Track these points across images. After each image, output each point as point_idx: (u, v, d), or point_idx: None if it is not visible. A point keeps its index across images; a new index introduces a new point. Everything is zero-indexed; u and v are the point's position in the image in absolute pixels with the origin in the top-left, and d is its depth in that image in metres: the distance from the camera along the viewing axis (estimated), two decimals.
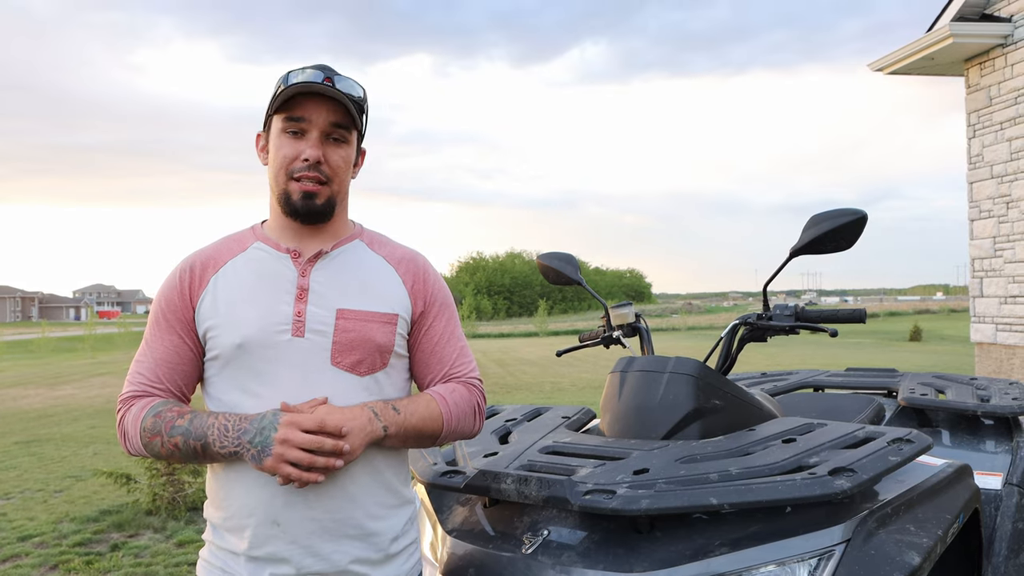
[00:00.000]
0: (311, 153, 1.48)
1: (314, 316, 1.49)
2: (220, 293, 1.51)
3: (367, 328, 1.51)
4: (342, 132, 1.52)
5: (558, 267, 2.57)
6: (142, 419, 1.45)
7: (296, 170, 1.49)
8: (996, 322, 9.66)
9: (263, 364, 1.47)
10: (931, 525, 1.61)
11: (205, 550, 1.55)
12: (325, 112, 1.49)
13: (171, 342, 1.52)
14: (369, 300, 1.53)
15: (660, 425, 1.85)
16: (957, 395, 2.75)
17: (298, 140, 1.50)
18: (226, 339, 1.48)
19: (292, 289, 1.51)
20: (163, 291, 1.55)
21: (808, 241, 2.01)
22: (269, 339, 1.47)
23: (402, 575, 1.54)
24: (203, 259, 1.56)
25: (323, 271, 1.53)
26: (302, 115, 1.48)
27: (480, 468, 1.74)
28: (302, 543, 1.44)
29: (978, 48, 9.52)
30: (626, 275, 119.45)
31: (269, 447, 1.35)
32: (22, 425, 10.34)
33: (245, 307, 1.49)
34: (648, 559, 1.52)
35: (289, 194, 1.50)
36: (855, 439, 1.74)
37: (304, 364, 1.47)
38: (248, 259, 1.55)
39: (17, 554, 4.72)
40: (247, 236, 1.59)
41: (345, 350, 1.49)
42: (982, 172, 9.78)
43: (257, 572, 1.45)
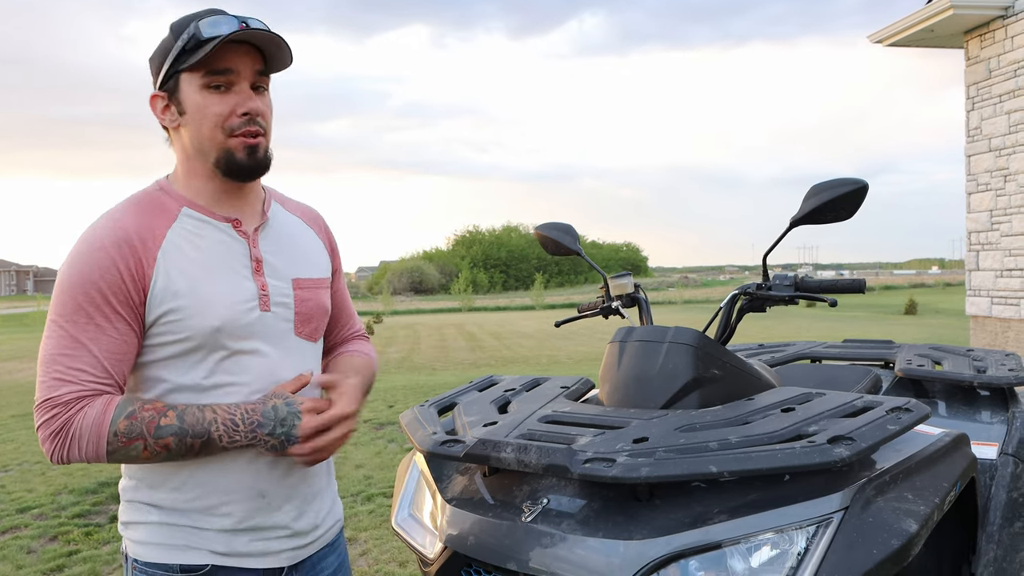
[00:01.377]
0: (250, 106, 1.39)
1: (275, 288, 1.48)
2: (173, 271, 1.37)
3: (319, 295, 1.56)
4: (264, 79, 1.44)
5: (557, 237, 2.56)
6: (110, 423, 1.29)
7: (235, 126, 1.39)
8: (991, 295, 9.68)
9: (237, 343, 1.41)
10: (928, 493, 1.62)
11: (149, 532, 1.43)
12: (250, 61, 1.40)
13: (116, 330, 1.34)
14: (312, 267, 1.57)
15: (659, 394, 1.86)
16: (954, 366, 2.76)
17: (225, 95, 1.39)
18: (198, 322, 1.37)
19: (247, 262, 1.45)
20: (93, 271, 1.33)
21: (808, 211, 2.00)
22: (241, 318, 1.42)
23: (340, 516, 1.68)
24: (136, 231, 1.37)
25: (267, 240, 1.51)
26: (229, 67, 1.38)
27: (480, 437, 1.74)
28: (287, 508, 1.50)
29: (978, 20, 9.45)
30: (623, 248, 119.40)
31: (294, 437, 1.38)
32: (18, 398, 10.35)
33: (211, 286, 1.39)
34: (647, 527, 1.52)
35: (231, 152, 1.40)
36: (854, 408, 1.75)
37: (273, 338, 1.47)
38: (187, 231, 1.42)
39: (16, 526, 4.74)
40: (166, 202, 1.43)
41: (305, 320, 1.52)
42: (980, 145, 9.76)
43: (236, 542, 1.44)
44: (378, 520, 4.65)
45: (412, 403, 8.87)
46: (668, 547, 1.47)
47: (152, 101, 1.45)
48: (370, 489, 5.33)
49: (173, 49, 1.38)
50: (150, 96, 1.45)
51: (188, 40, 1.36)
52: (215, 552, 1.42)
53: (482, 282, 76.38)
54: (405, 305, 47.06)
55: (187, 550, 1.42)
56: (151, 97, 1.45)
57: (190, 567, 1.41)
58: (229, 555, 1.44)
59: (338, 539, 1.66)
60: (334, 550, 1.63)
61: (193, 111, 1.39)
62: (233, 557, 1.44)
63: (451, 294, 54.72)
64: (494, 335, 20.06)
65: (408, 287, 72.43)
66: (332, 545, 1.63)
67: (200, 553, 1.42)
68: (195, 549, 1.42)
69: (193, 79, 1.38)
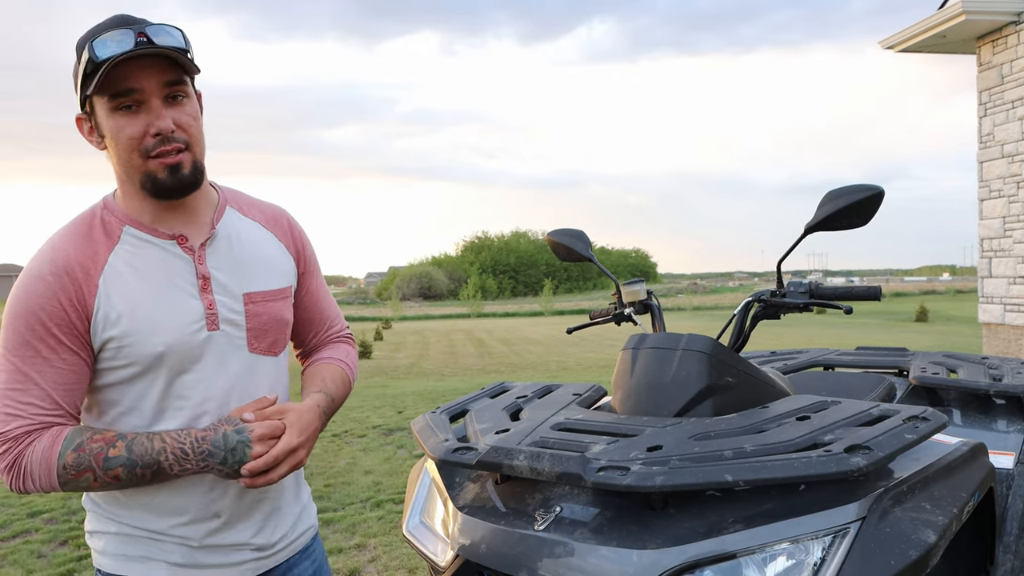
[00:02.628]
0: (161, 125, 1.29)
1: (224, 305, 1.41)
2: (115, 297, 1.33)
3: (274, 308, 1.49)
4: (181, 88, 1.32)
5: (569, 243, 2.55)
6: (58, 456, 1.27)
7: (150, 147, 1.30)
8: (1004, 302, 9.62)
9: (184, 365, 1.37)
10: (946, 503, 1.60)
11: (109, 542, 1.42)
12: (156, 74, 1.29)
13: (63, 361, 1.30)
14: (267, 278, 1.49)
15: (673, 402, 1.84)
16: (969, 374, 2.74)
17: (136, 115, 1.29)
18: (142, 349, 1.33)
19: (193, 280, 1.39)
20: (34, 301, 1.29)
21: (823, 217, 1.98)
22: (188, 339, 1.36)
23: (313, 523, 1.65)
24: (77, 258, 1.33)
25: (216, 255, 1.43)
26: (131, 86, 1.28)
27: (492, 444, 1.73)
28: (243, 526, 1.47)
29: (990, 25, 9.42)
30: (632, 255, 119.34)
31: (245, 462, 1.33)
32: None
33: (153, 309, 1.35)
34: (662, 536, 1.51)
35: (152, 174, 1.32)
36: (870, 417, 1.73)
37: (224, 357, 1.41)
38: (130, 251, 1.37)
39: (27, 530, 4.75)
40: (108, 221, 1.38)
41: (260, 334, 1.46)
42: (993, 151, 9.71)
43: (196, 555, 1.42)
44: (387, 526, 4.64)
45: (421, 409, 8.87)
46: (682, 557, 1.46)
47: (78, 124, 1.38)
48: (379, 495, 5.33)
49: (79, 73, 1.31)
50: (75, 118, 1.38)
51: (87, 64, 1.27)
52: (174, 564, 1.41)
53: (491, 288, 76.48)
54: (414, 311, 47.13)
55: (145, 561, 1.41)
56: (76, 119, 1.38)
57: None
58: (189, 567, 1.42)
59: (311, 545, 1.63)
60: (307, 556, 1.60)
61: (109, 136, 1.32)
62: (193, 569, 1.42)
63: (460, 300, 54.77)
64: (503, 341, 20.06)
65: (417, 292, 72.57)
66: (305, 551, 1.60)
67: (158, 565, 1.40)
68: (152, 560, 1.41)
69: (102, 103, 1.30)
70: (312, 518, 1.65)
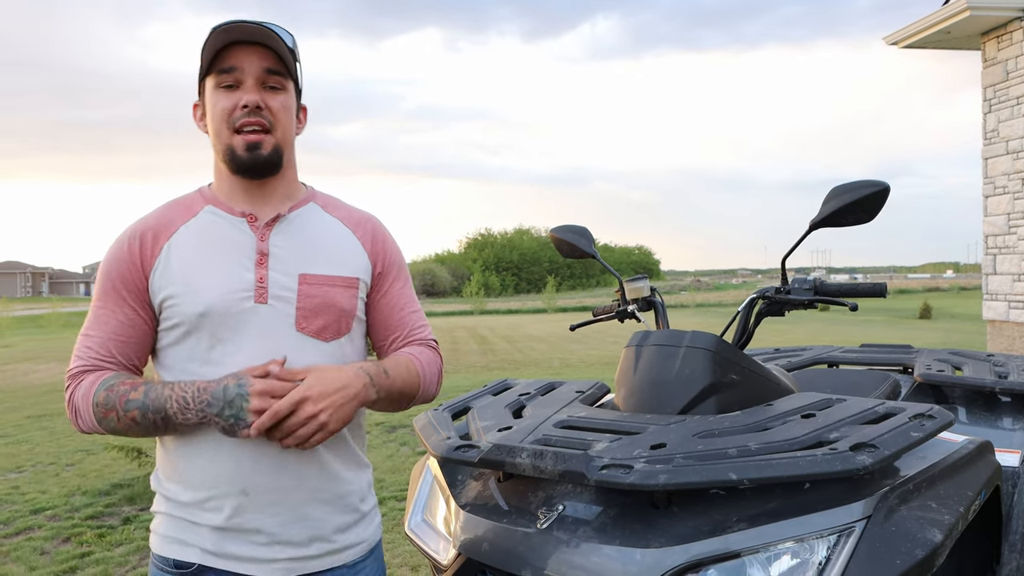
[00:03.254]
0: (249, 98, 1.43)
1: (276, 282, 1.46)
2: (175, 261, 1.45)
3: (331, 293, 1.50)
4: (277, 79, 1.46)
5: (572, 240, 2.54)
6: (93, 394, 1.39)
7: (236, 119, 1.43)
8: (1009, 300, 9.59)
9: (226, 332, 1.43)
10: (953, 502, 1.59)
11: (159, 522, 1.49)
12: (256, 58, 1.43)
13: (124, 315, 1.45)
14: (331, 264, 1.52)
15: (676, 400, 1.83)
16: (974, 372, 2.72)
17: (233, 91, 1.44)
18: (187, 308, 1.42)
19: (252, 254, 1.47)
20: (111, 262, 1.47)
21: (829, 213, 1.96)
22: (232, 306, 1.43)
23: (370, 536, 1.59)
24: (152, 226, 1.48)
25: (281, 235, 1.50)
26: (233, 64, 1.43)
27: (495, 442, 1.72)
28: (272, 512, 1.44)
29: (995, 21, 9.37)
30: (635, 252, 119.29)
31: (244, 419, 1.33)
32: (32, 399, 10.41)
33: (204, 274, 1.44)
34: (665, 535, 1.50)
35: (233, 148, 1.44)
36: (875, 414, 1.71)
37: (268, 331, 1.44)
38: (201, 224, 1.49)
39: (30, 527, 4.75)
40: (195, 200, 1.52)
41: (310, 315, 1.47)
42: (997, 148, 9.67)
43: (224, 542, 1.43)
44: (389, 524, 4.63)
45: (424, 406, 8.87)
46: (686, 555, 1.45)
47: (193, 111, 1.54)
48: (382, 492, 5.32)
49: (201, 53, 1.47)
50: (192, 106, 1.54)
51: (204, 46, 1.44)
52: (205, 551, 1.43)
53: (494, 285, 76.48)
54: None
55: (184, 546, 1.44)
56: (192, 107, 1.54)
57: (182, 563, 1.44)
58: (217, 555, 1.43)
59: (361, 562, 1.55)
60: (353, 571, 1.54)
61: (208, 110, 1.47)
62: (221, 558, 1.43)
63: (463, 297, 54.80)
64: (506, 338, 20.05)
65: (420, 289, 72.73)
66: (352, 567, 1.53)
67: (192, 550, 1.44)
68: (189, 546, 1.44)
69: (210, 82, 1.46)
70: (367, 535, 1.57)
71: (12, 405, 9.88)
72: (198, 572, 1.43)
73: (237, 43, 1.43)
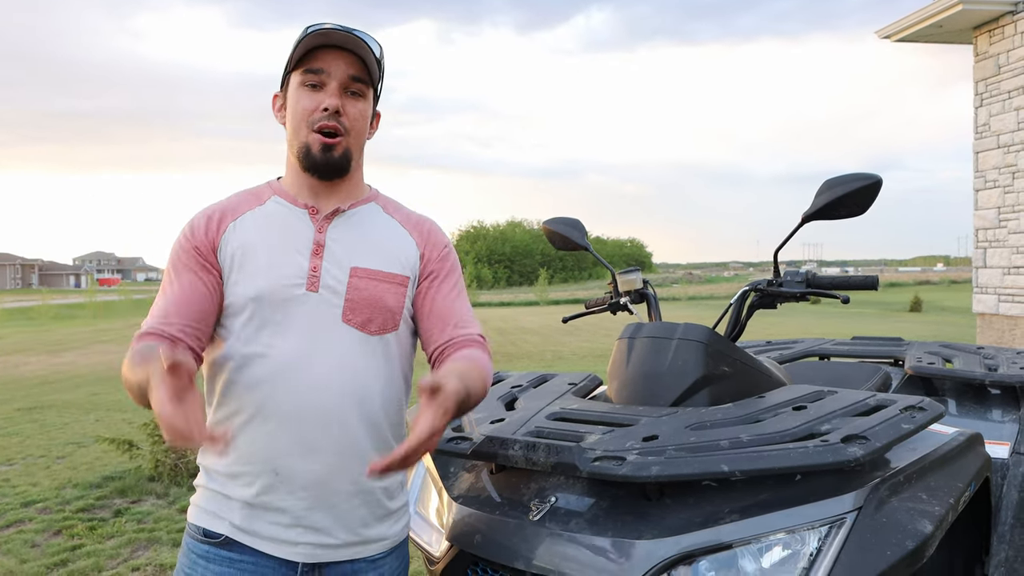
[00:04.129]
0: (330, 102, 1.48)
1: (328, 272, 1.51)
2: (236, 243, 1.52)
3: (378, 288, 1.53)
4: (360, 86, 1.52)
5: (565, 232, 2.53)
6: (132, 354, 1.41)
7: (316, 120, 1.49)
8: (999, 293, 9.64)
9: (276, 316, 1.48)
10: (943, 493, 1.60)
11: (198, 495, 1.56)
12: (344, 64, 1.49)
13: (187, 280, 1.50)
14: (382, 260, 1.55)
15: (669, 392, 1.83)
16: (965, 364, 2.73)
17: (316, 92, 1.50)
18: (241, 290, 1.49)
19: (308, 244, 1.52)
20: (179, 241, 1.54)
21: (821, 206, 1.97)
22: (283, 292, 1.48)
23: (394, 534, 1.59)
24: (221, 209, 1.56)
25: (339, 228, 1.55)
26: (321, 67, 1.49)
27: (487, 434, 1.72)
28: (300, 495, 1.46)
29: (987, 15, 9.40)
30: (627, 244, 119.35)
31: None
32: (23, 392, 10.36)
33: (260, 259, 1.50)
34: (657, 526, 1.50)
35: (309, 146, 1.50)
36: (866, 407, 1.72)
37: (315, 319, 1.49)
38: (265, 212, 1.56)
39: (21, 519, 4.74)
40: (264, 190, 1.60)
41: (356, 308, 1.51)
42: (988, 142, 9.71)
43: (251, 519, 1.48)
44: None
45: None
46: (678, 547, 1.45)
47: (273, 100, 1.60)
48: None
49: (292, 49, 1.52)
50: (272, 96, 1.60)
51: (296, 42, 1.50)
52: (234, 525, 1.48)
53: (486, 277, 76.43)
54: None
55: (214, 518, 1.50)
56: (272, 97, 1.60)
57: (211, 533, 1.50)
58: (244, 531, 1.48)
59: (383, 558, 1.56)
60: (374, 567, 1.55)
61: (289, 106, 1.54)
62: (247, 535, 1.47)
63: None
64: (498, 331, 20.06)
65: None
66: (373, 561, 1.54)
67: (222, 523, 1.49)
68: (220, 518, 1.50)
69: (295, 78, 1.52)
70: (392, 532, 1.58)
71: (2, 398, 9.83)
72: (225, 543, 1.48)
73: (328, 46, 1.48)
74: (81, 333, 21.49)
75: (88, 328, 23.64)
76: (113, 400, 9.41)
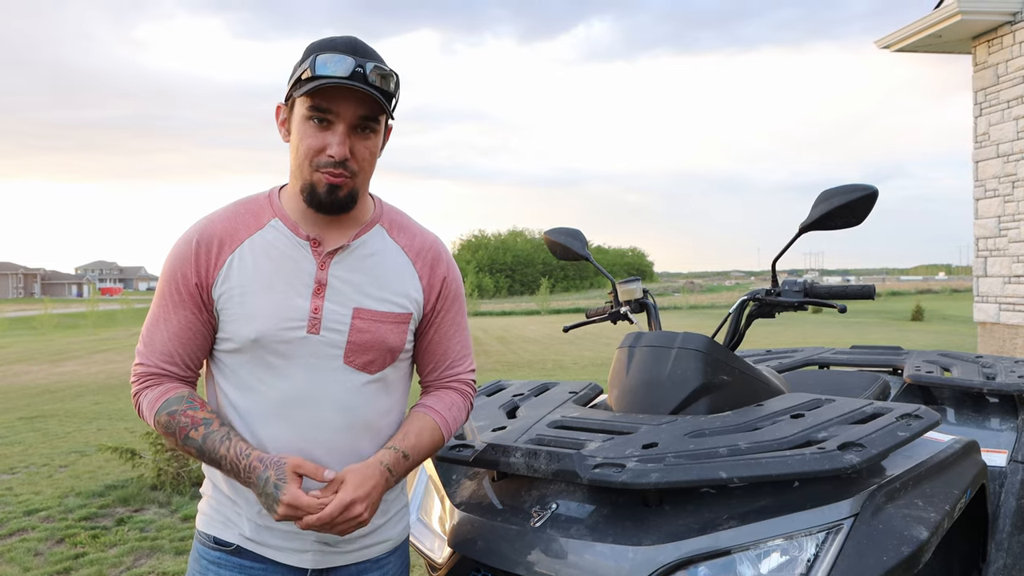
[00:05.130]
0: (337, 151, 1.41)
1: (331, 313, 1.48)
2: (235, 278, 1.47)
3: (381, 330, 1.51)
4: (370, 123, 1.45)
5: (565, 242, 2.56)
6: (156, 412, 1.45)
7: (321, 164, 1.43)
8: (999, 302, 9.65)
9: (275, 358, 1.47)
10: (939, 500, 1.61)
11: (205, 503, 1.57)
12: (354, 106, 1.42)
13: (184, 318, 1.48)
14: (385, 300, 1.53)
15: (668, 400, 1.85)
16: (963, 373, 2.75)
17: (323, 131, 1.43)
18: (240, 330, 1.46)
19: (310, 282, 1.48)
20: (176, 261, 1.49)
21: (818, 217, 1.99)
22: (283, 334, 1.46)
23: (396, 535, 1.62)
24: (218, 234, 1.49)
25: (342, 265, 1.50)
26: (329, 108, 1.41)
27: (489, 442, 1.74)
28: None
29: (986, 25, 9.44)
30: (628, 253, 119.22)
31: (273, 511, 1.38)
32: (25, 401, 10.38)
33: (260, 298, 1.46)
34: (657, 532, 1.52)
35: (314, 185, 1.44)
36: (863, 415, 1.74)
37: (316, 361, 1.48)
38: (265, 241, 1.49)
39: (23, 528, 4.75)
40: (264, 209, 1.53)
41: (359, 350, 1.50)
42: (988, 151, 9.73)
43: (260, 531, 1.50)
44: None
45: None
46: (677, 553, 1.47)
47: (277, 111, 1.53)
48: None
49: (297, 72, 1.44)
50: (276, 106, 1.54)
51: (304, 70, 1.41)
52: (244, 535, 1.50)
53: (487, 286, 76.36)
54: None
55: (225, 527, 1.52)
56: (276, 107, 1.54)
57: (222, 541, 1.52)
58: (254, 541, 1.50)
59: (386, 558, 1.61)
60: (378, 567, 1.59)
61: (293, 136, 1.47)
62: (257, 544, 1.50)
63: None
64: (499, 340, 20.06)
65: None
66: (376, 561, 1.59)
67: (233, 532, 1.51)
68: (229, 527, 1.52)
69: (302, 105, 1.43)
70: (393, 534, 1.61)
71: (4, 407, 9.85)
72: (236, 551, 1.51)
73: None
74: (83, 342, 21.50)
75: (90, 337, 23.65)
76: (115, 409, 9.43)
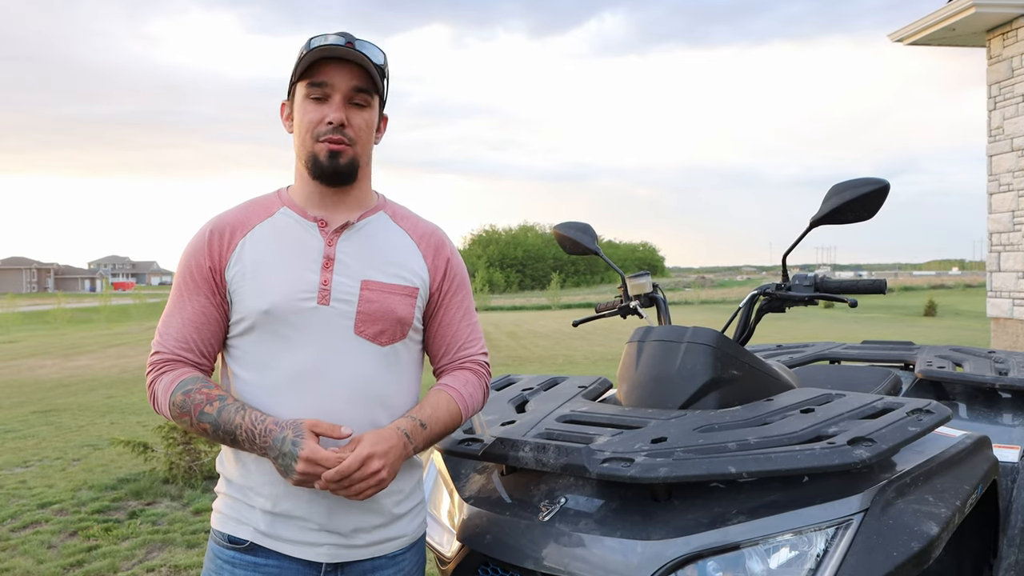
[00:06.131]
0: (334, 116, 1.50)
1: (339, 285, 1.53)
2: (247, 258, 1.54)
3: (389, 300, 1.55)
4: (364, 96, 1.54)
5: (575, 236, 2.55)
6: (171, 394, 1.48)
7: (321, 133, 1.51)
8: (1013, 297, 9.58)
9: (288, 330, 1.50)
10: (949, 496, 1.61)
11: (219, 502, 1.59)
12: (347, 76, 1.51)
13: (199, 304, 1.53)
14: (392, 273, 1.58)
15: (678, 395, 1.85)
16: (975, 368, 2.74)
17: (321, 105, 1.52)
18: (253, 304, 1.51)
19: (319, 258, 1.54)
20: (191, 253, 1.56)
21: (829, 211, 1.98)
22: (295, 306, 1.50)
23: (412, 531, 1.63)
24: (231, 222, 1.57)
25: (349, 242, 1.57)
26: (324, 80, 1.51)
27: (498, 436, 1.74)
28: (319, 503, 1.50)
29: (1000, 18, 9.36)
30: (639, 248, 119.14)
31: (292, 471, 1.39)
32: (39, 395, 10.46)
33: (272, 274, 1.52)
34: (665, 527, 1.52)
35: (316, 155, 1.52)
36: (874, 409, 1.73)
37: (328, 332, 1.51)
38: (275, 225, 1.57)
39: (37, 520, 4.79)
40: (273, 201, 1.61)
41: (368, 320, 1.53)
42: (1002, 145, 9.66)
43: (274, 525, 1.51)
44: None
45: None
46: (686, 547, 1.47)
47: (281, 108, 1.63)
48: None
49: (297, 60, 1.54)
50: (280, 104, 1.63)
51: (301, 53, 1.52)
52: (258, 531, 1.52)
53: (498, 281, 76.44)
54: None
55: (238, 524, 1.54)
56: (280, 105, 1.63)
57: (236, 539, 1.53)
58: (268, 536, 1.51)
59: (402, 554, 1.61)
60: (394, 562, 1.59)
61: (296, 118, 1.56)
62: (271, 539, 1.51)
63: None
64: (510, 334, 20.07)
65: None
66: (393, 558, 1.59)
67: (246, 529, 1.53)
68: (243, 524, 1.53)
69: (301, 89, 1.54)
70: (408, 530, 1.62)
71: (18, 400, 9.93)
72: (250, 548, 1.52)
73: (330, 59, 1.50)
74: (96, 337, 21.64)
75: (103, 332, 23.81)
76: (128, 403, 9.49)
